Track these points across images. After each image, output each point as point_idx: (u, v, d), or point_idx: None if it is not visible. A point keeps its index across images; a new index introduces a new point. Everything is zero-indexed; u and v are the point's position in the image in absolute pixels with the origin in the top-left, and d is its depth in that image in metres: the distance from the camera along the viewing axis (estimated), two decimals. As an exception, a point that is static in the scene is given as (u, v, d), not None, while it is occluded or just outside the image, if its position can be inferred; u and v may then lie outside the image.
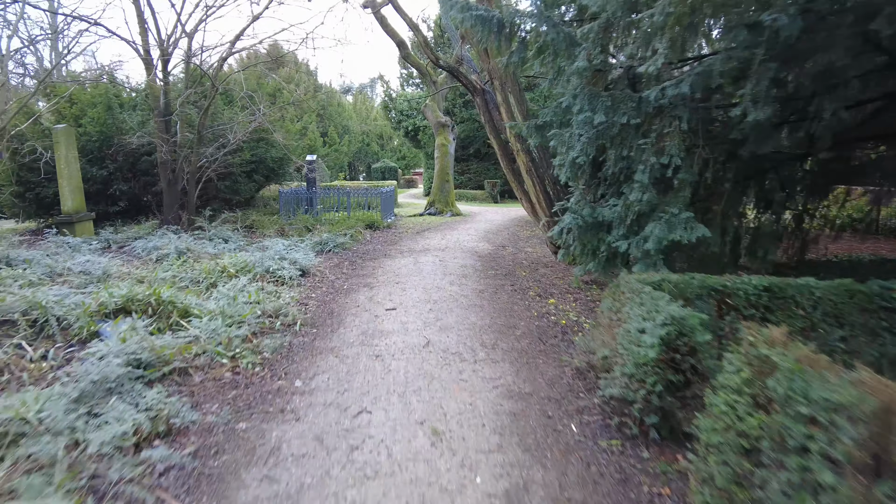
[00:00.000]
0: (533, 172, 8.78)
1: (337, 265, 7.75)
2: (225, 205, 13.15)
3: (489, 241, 10.91)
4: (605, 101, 5.15)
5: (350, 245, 9.74)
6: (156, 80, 9.73)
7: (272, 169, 14.42)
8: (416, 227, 13.20)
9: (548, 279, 7.26)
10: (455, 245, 10.20)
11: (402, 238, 11.15)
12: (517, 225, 14.18)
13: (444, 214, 16.52)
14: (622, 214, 5.37)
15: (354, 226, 11.53)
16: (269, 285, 5.93)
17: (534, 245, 10.70)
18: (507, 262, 8.53)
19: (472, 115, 25.82)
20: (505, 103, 9.05)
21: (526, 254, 9.60)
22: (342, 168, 38.38)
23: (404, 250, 9.35)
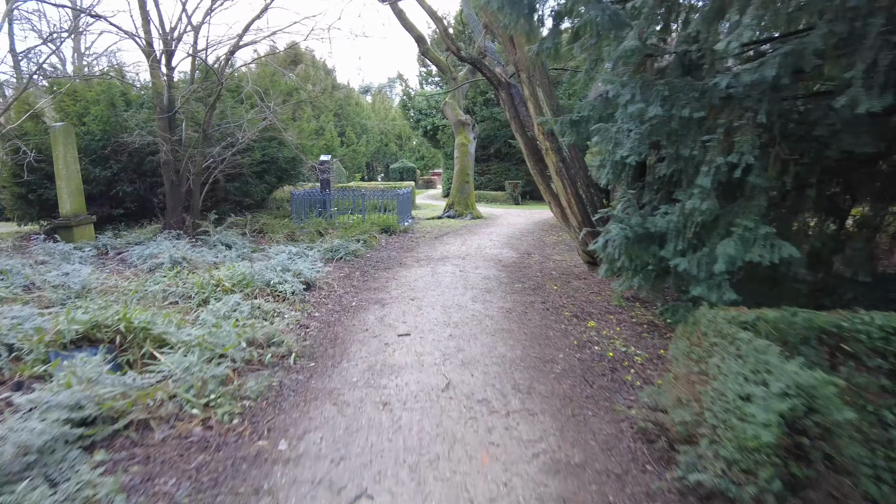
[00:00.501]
0: (563, 173, 7.95)
1: (347, 276, 7.02)
2: (235, 207, 12.57)
3: (513, 248, 10.09)
4: (661, 90, 4.30)
5: (363, 252, 9.02)
6: (159, 75, 9.15)
7: (284, 170, 13.81)
8: (435, 232, 12.44)
9: (582, 294, 6.42)
10: (476, 252, 9.40)
11: (420, 244, 10.40)
12: (542, 229, 13.32)
13: (464, 217, 15.74)
14: (678, 225, 4.52)
15: (369, 230, 10.82)
16: (268, 302, 5.22)
17: (562, 252, 9.84)
18: (535, 273, 7.71)
19: (494, 114, 24.98)
20: (532, 98, 8.23)
21: (555, 263, 8.76)
22: (360, 168, 37.88)
23: (421, 258, 8.60)
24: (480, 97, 25.36)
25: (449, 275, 7.19)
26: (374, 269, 7.59)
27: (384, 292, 6.07)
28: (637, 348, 4.44)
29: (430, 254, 9.12)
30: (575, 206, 7.94)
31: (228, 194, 11.99)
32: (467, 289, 6.31)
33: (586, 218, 7.99)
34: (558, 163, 7.98)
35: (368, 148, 38.22)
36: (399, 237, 11.30)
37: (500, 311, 5.34)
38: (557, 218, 8.46)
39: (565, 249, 10.25)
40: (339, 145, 33.18)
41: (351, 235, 9.87)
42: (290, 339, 4.15)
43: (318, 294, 5.94)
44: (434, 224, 14.23)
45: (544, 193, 8.49)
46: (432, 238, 11.27)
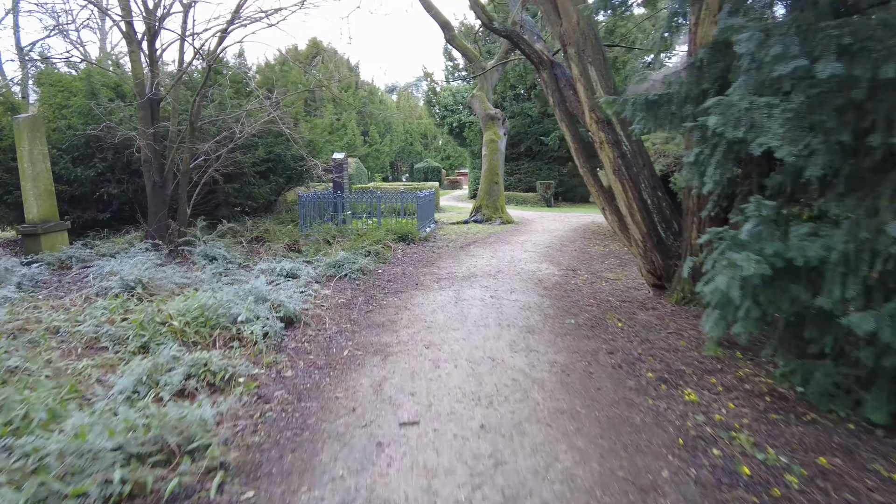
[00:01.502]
0: (623, 173, 6.26)
1: (347, 303, 5.49)
2: (236, 211, 11.25)
3: (553, 262, 8.42)
4: (839, 36, 2.62)
5: (373, 268, 7.50)
6: (138, 58, 7.84)
7: (294, 169, 12.43)
8: (460, 240, 10.85)
9: (658, 335, 4.73)
10: (510, 268, 7.77)
11: (442, 256, 8.83)
12: (583, 237, 11.57)
13: (493, 222, 14.10)
14: (845, 255, 2.83)
15: (383, 238, 9.31)
16: (225, 353, 3.72)
17: (614, 268, 8.12)
18: (587, 300, 6.03)
19: (524, 109, 23.25)
20: (583, 78, 6.56)
21: (608, 283, 7.06)
22: (383, 168, 36.60)
23: (443, 276, 7.02)
24: (510, 91, 23.65)
25: (478, 302, 5.58)
26: (382, 293, 6.05)
27: (390, 332, 4.50)
28: (780, 450, 2.75)
29: (454, 270, 7.53)
30: (638, 213, 6.25)
31: (228, 197, 10.66)
32: (503, 327, 4.69)
33: (652, 229, 6.29)
34: (616, 159, 6.30)
35: (392, 147, 36.90)
36: (418, 247, 9.75)
37: (554, 371, 3.70)
38: (613, 227, 6.77)
39: (617, 264, 8.52)
40: (361, 144, 31.95)
41: (361, 246, 8.36)
42: (226, 434, 2.61)
43: (302, 335, 4.42)
44: (459, 230, 12.63)
45: (597, 197, 6.81)
46: (457, 248, 9.68)
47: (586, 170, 6.86)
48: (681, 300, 5.99)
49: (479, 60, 15.35)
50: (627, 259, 8.91)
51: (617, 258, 9.07)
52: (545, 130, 23.25)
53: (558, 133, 22.55)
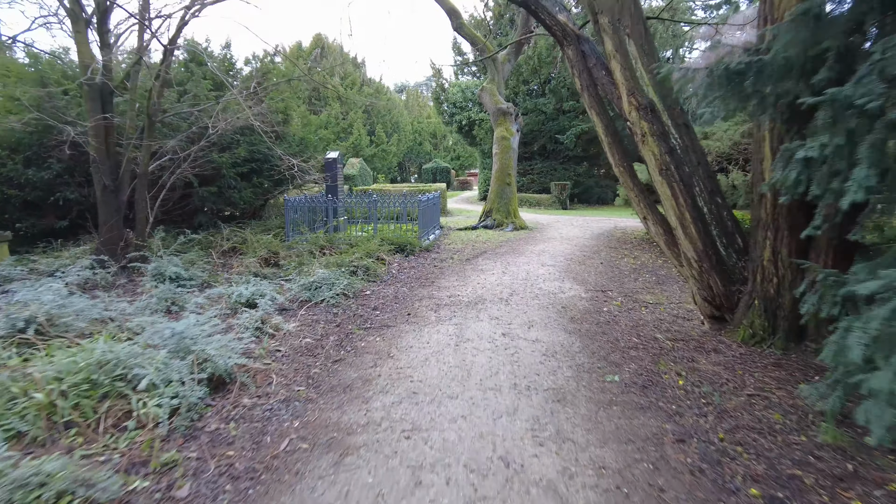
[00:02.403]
0: (671, 173, 4.88)
1: (310, 348, 4.17)
2: (216, 218, 10.01)
3: (578, 279, 7.02)
4: None
5: (359, 288, 6.18)
6: (85, 40, 6.60)
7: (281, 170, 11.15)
8: (467, 250, 9.50)
9: (738, 399, 3.35)
10: (526, 288, 6.40)
11: (445, 271, 7.48)
12: (608, 246, 10.15)
13: (504, 228, 12.72)
14: None
15: (376, 250, 7.99)
16: (77, 459, 2.42)
17: (651, 287, 6.71)
18: (628, 336, 4.65)
19: (538, 105, 21.82)
20: (619, 54, 5.20)
21: (649, 309, 5.66)
22: (391, 169, 35.35)
23: (443, 302, 5.67)
24: (523, 86, 22.24)
25: (486, 345, 4.22)
26: (363, 328, 4.72)
27: (359, 403, 3.15)
28: None
29: (458, 292, 6.17)
30: (692, 225, 4.86)
31: (205, 202, 9.42)
32: (520, 391, 3.33)
33: (709, 245, 4.89)
34: (663, 155, 4.92)
35: (400, 147, 35.63)
36: (418, 259, 8.41)
37: (604, 489, 2.34)
38: (658, 241, 5.37)
39: (653, 282, 7.11)
40: (367, 144, 30.74)
41: (348, 261, 7.05)
42: None
43: (232, 407, 3.10)
44: (467, 237, 11.27)
45: (636, 203, 5.41)
46: (463, 261, 8.32)
47: (623, 169, 5.47)
48: (749, 338, 4.59)
49: (488, 49, 13.98)
50: (665, 275, 7.49)
51: (651, 273, 7.65)
52: (560, 128, 21.80)
53: (574, 130, 21.08)
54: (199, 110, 7.75)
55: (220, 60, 12.04)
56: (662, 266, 8.18)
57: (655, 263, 8.43)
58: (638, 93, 5.09)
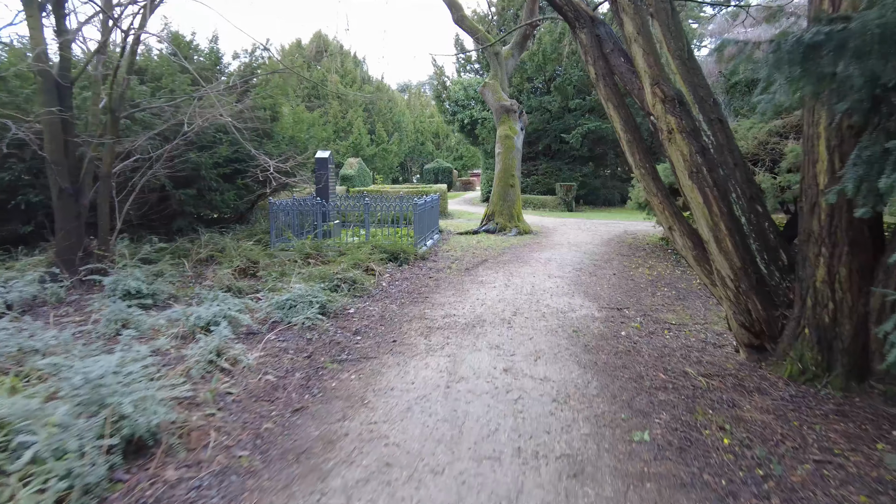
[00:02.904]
0: (704, 176, 4.14)
1: (269, 390, 3.43)
2: (195, 223, 9.31)
3: (590, 294, 6.27)
4: None
5: (342, 304, 5.45)
6: (37, 23, 5.90)
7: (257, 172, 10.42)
8: (467, 257, 8.75)
9: (803, 468, 2.60)
10: (531, 306, 5.65)
11: (441, 284, 6.74)
12: (619, 252, 9.38)
13: (508, 232, 11.97)
14: None
15: (365, 260, 7.25)
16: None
17: (672, 303, 5.96)
18: (653, 371, 3.90)
19: (543, 104, 21.05)
20: (641, 37, 4.46)
21: (673, 332, 4.91)
22: (392, 169, 34.65)
23: (436, 324, 4.92)
24: (527, 84, 21.49)
25: (483, 387, 3.48)
26: (338, 361, 3.98)
27: (311, 482, 2.36)
28: None
29: (454, 310, 5.43)
30: (727, 238, 4.12)
31: (183, 205, 8.71)
32: (524, 461, 2.58)
33: (748, 261, 4.14)
34: (693, 156, 4.18)
35: (401, 147, 34.92)
36: (413, 269, 7.67)
37: None
38: (686, 255, 4.62)
39: (673, 297, 6.35)
40: (367, 143, 30.05)
41: (333, 272, 6.32)
42: None
43: (146, 482, 2.37)
44: (467, 243, 10.53)
45: (660, 211, 4.66)
46: (461, 271, 7.57)
47: (644, 171, 4.72)
48: (798, 374, 3.85)
49: (491, 43, 13.23)
50: (685, 289, 6.73)
51: (670, 286, 6.89)
52: (566, 127, 21.02)
53: (581, 129, 20.31)
54: (170, 105, 7.03)
55: (207, 54, 11.35)
56: (681, 277, 7.42)
57: (673, 274, 7.66)
58: (663, 82, 4.34)
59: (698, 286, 6.93)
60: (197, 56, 11.13)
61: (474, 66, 24.72)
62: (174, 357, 3.87)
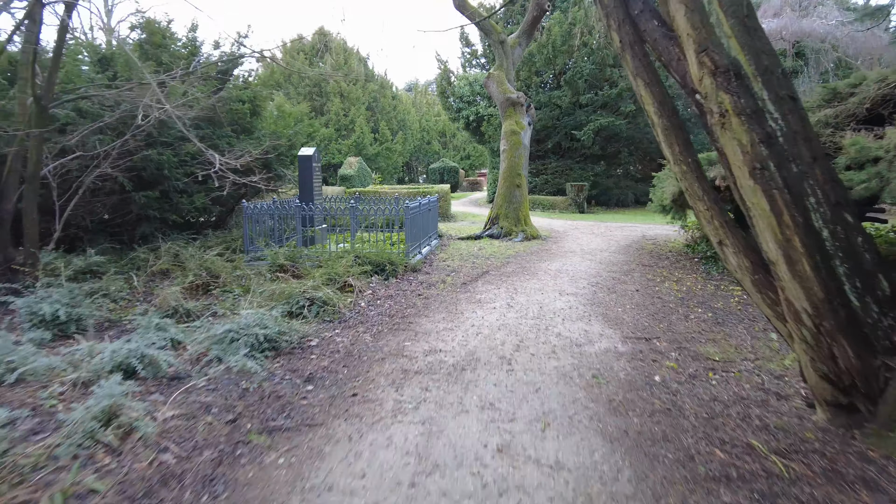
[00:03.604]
0: (770, 174, 2.97)
1: (158, 482, 2.39)
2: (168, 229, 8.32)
3: (609, 318, 5.16)
4: None
5: (304, 335, 4.40)
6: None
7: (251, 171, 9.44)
8: (465, 268, 7.67)
9: None
10: (538, 336, 4.56)
11: (430, 304, 5.66)
12: (639, 262, 8.23)
13: (513, 237, 10.86)
14: None
15: (344, 273, 6.20)
16: None
17: (709, 330, 4.82)
18: (705, 449, 2.78)
19: (552, 99, 19.90)
20: (685, -8, 3.35)
21: (720, 376, 3.80)
22: (396, 169, 33.62)
23: (413, 367, 3.84)
24: (536, 78, 20.34)
25: (466, 484, 2.40)
26: (269, 429, 2.92)
27: None
28: None
29: (441, 342, 4.35)
30: (804, 259, 2.95)
31: (146, 209, 7.71)
32: None
33: (833, 291, 2.96)
34: (756, 146, 3.03)
35: (406, 146, 33.88)
36: (401, 284, 6.60)
37: None
38: (742, 279, 3.50)
39: (711, 321, 5.22)
40: (370, 142, 29.04)
41: (300, 290, 5.26)
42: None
43: None
44: (468, 250, 9.44)
45: (708, 220, 3.53)
46: (457, 287, 6.48)
47: (686, 167, 3.60)
48: None
49: (496, 31, 12.13)
50: (722, 309, 5.61)
51: (703, 305, 5.76)
52: (577, 123, 19.84)
53: (592, 126, 19.11)
54: (112, 92, 6.03)
55: (185, 44, 10.37)
56: (716, 294, 6.29)
57: (705, 290, 6.53)
58: (714, 48, 3.22)
59: (737, 305, 5.79)
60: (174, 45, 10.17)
61: (480, 61, 23.61)
62: (55, 422, 2.84)
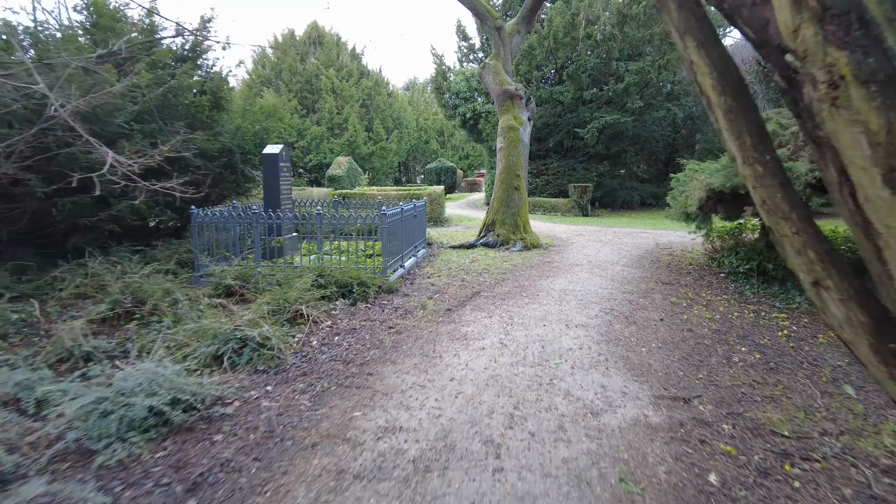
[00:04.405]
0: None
1: None
2: (108, 240, 7.14)
3: (631, 364, 3.96)
4: None
5: (212, 399, 3.21)
6: None
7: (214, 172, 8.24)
8: (452, 288, 6.46)
9: None
10: (537, 398, 3.35)
11: (401, 344, 4.45)
12: (656, 277, 7.02)
13: (511, 246, 9.66)
14: None
15: (297, 299, 4.99)
16: None
17: (762, 378, 3.61)
18: None
19: (554, 95, 18.69)
20: None
21: (802, 471, 2.58)
22: (392, 169, 32.40)
23: (351, 467, 2.64)
24: (536, 72, 19.14)
25: None
26: None
27: None
28: None
29: (405, 415, 3.15)
30: None
31: (75, 218, 6.51)
32: None
33: None
34: (894, 135, 1.76)
35: (402, 145, 32.66)
36: (370, 311, 5.40)
37: None
38: (852, 342, 2.25)
39: (760, 364, 4.03)
40: (364, 141, 27.82)
41: (228, 329, 4.07)
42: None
43: None
44: (459, 262, 8.24)
45: (797, 251, 2.25)
46: (439, 315, 5.27)
47: (763, 169, 2.36)
48: None
49: (492, 16, 10.93)
50: (769, 347, 4.41)
51: (746, 341, 4.56)
52: (580, 121, 18.62)
53: (597, 124, 17.89)
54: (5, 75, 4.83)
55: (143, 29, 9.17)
56: (757, 323, 5.09)
57: (742, 317, 5.33)
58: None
59: (789, 341, 4.60)
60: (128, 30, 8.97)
61: (477, 55, 22.39)
62: None
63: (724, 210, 7.13)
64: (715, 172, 6.54)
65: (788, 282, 6.43)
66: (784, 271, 6.60)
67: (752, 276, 6.61)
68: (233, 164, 8.60)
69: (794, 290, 6.17)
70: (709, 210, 6.77)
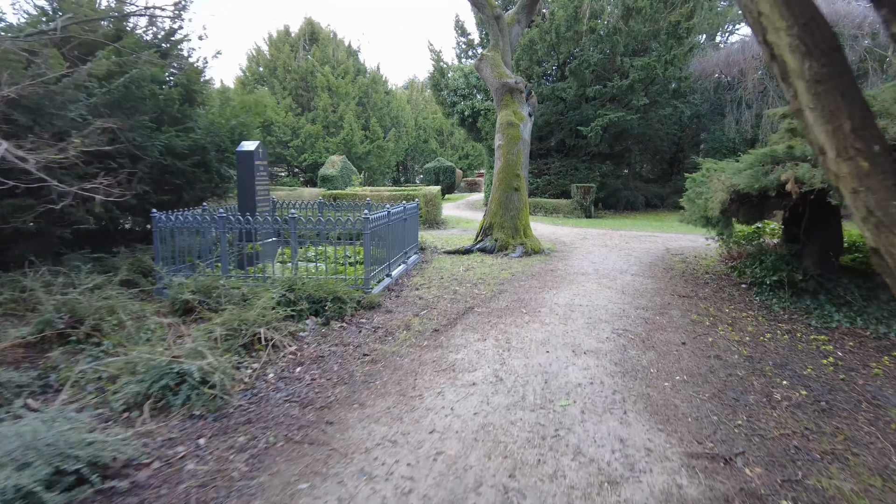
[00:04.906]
0: None
1: None
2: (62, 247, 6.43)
3: (654, 407, 3.22)
4: None
5: (110, 463, 2.49)
6: None
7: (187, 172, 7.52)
8: (442, 303, 5.73)
9: None
10: (539, 460, 2.61)
11: (374, 376, 3.73)
12: (671, 289, 6.27)
13: (510, 252, 8.92)
14: None
15: (260, 319, 4.27)
16: None
17: (814, 423, 2.86)
18: None
19: (556, 91, 17.93)
20: None
21: None
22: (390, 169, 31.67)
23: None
24: (537, 67, 18.38)
25: None
26: None
27: None
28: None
29: (363, 491, 2.43)
30: None
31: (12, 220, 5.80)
32: None
33: None
34: None
35: (399, 144, 31.91)
36: (345, 332, 4.66)
37: None
38: None
39: (813, 406, 3.27)
40: (360, 140, 27.08)
41: (164, 362, 3.35)
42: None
43: None
44: (453, 269, 7.50)
45: None
46: (423, 338, 4.54)
47: (867, 163, 1.63)
48: None
49: (491, 6, 10.20)
50: (817, 380, 3.68)
51: (786, 371, 3.83)
52: (583, 119, 17.87)
53: (600, 122, 17.14)
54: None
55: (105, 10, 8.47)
56: (794, 347, 4.35)
57: (776, 339, 4.59)
58: None
59: (836, 370, 3.86)
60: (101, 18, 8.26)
61: (476, 52, 21.62)
62: None
63: (745, 214, 6.42)
64: (738, 172, 5.82)
65: (821, 295, 5.70)
66: (816, 283, 5.87)
67: (780, 289, 5.88)
68: (206, 162, 7.87)
69: (828, 304, 5.44)
70: (731, 214, 6.05)
